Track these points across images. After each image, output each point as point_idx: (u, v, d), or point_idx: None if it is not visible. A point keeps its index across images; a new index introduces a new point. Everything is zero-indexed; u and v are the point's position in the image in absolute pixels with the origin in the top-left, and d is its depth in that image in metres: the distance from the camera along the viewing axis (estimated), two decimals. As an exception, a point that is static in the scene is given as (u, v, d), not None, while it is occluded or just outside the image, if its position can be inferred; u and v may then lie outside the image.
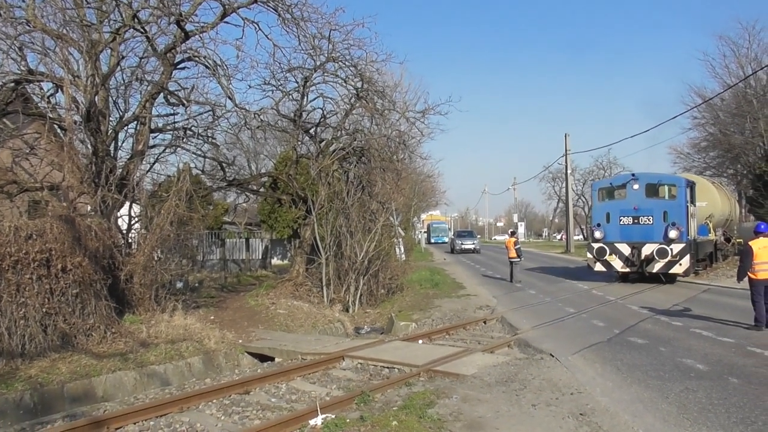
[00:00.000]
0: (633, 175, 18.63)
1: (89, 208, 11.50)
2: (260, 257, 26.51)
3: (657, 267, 17.20)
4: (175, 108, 14.47)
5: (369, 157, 17.26)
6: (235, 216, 32.37)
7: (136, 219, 12.91)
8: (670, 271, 17.26)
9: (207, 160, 16.75)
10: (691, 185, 18.60)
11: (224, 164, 17.23)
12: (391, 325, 13.27)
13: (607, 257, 18.01)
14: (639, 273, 18.07)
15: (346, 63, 15.71)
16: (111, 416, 6.58)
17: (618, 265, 17.92)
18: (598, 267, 18.17)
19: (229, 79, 13.61)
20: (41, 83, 12.57)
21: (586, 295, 16.51)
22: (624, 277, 19.35)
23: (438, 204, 63.87)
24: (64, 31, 11.59)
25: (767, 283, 10.53)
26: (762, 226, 10.98)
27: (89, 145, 11.98)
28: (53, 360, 8.27)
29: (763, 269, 10.54)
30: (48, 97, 12.66)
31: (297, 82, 16.33)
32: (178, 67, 13.38)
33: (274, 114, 17.39)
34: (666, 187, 18.46)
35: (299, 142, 17.68)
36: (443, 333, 11.53)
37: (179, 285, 12.80)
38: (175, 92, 13.95)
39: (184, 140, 14.98)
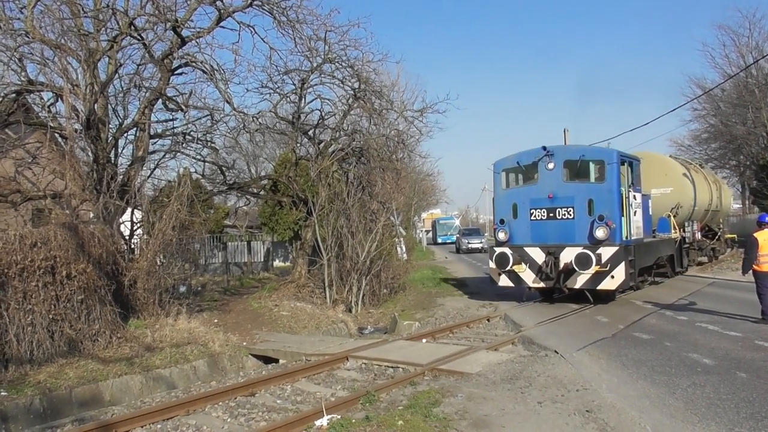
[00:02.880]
0: (545, 148, 13.13)
1: (92, 215, 11.55)
2: (262, 260, 26.56)
3: (580, 281, 12.48)
4: (173, 113, 14.51)
5: (368, 158, 17.28)
6: (236, 219, 32.42)
7: (138, 224, 12.96)
8: (600, 287, 12.40)
9: (207, 164, 16.78)
10: (629, 162, 13.64)
11: (224, 168, 17.26)
12: (394, 325, 13.28)
13: (513, 267, 13.11)
14: (559, 289, 13.51)
15: (343, 64, 15.76)
16: (119, 420, 6.63)
17: (529, 278, 13.14)
18: (503, 281, 13.58)
19: (226, 83, 13.65)
20: (41, 93, 12.64)
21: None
22: (548, 294, 14.41)
23: (438, 202, 63.80)
24: (63, 41, 11.64)
25: (772, 275, 10.47)
26: (766, 218, 10.92)
27: (90, 153, 12.03)
28: (61, 365, 8.32)
29: (767, 261, 10.48)
30: (48, 107, 12.72)
31: (294, 85, 16.37)
32: (175, 72, 13.42)
33: (272, 117, 17.43)
34: (591, 166, 13.19)
35: (298, 144, 17.72)
36: (447, 332, 11.54)
37: (182, 289, 12.84)
38: (174, 98, 13.98)
39: (184, 145, 15.02)
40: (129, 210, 12.78)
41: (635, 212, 13.63)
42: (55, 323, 8.78)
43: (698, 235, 20.04)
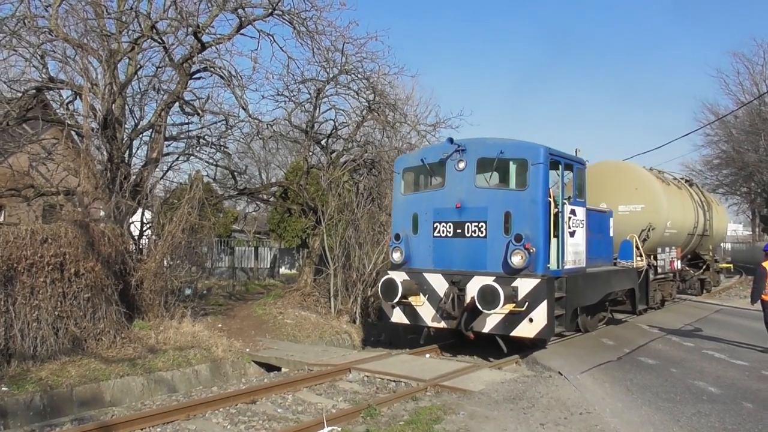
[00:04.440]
0: (452, 141, 10.23)
1: (103, 213, 11.63)
2: (268, 266, 26.58)
3: (490, 324, 9.52)
4: (189, 117, 14.65)
5: (379, 169, 17.32)
6: (245, 224, 32.54)
7: (148, 225, 13.03)
8: (514, 333, 9.40)
9: (219, 168, 16.90)
10: (568, 165, 10.44)
11: (236, 173, 17.37)
12: (398, 338, 13.21)
13: (411, 299, 10.15)
14: (467, 332, 9.87)
15: (359, 75, 15.86)
16: (119, 421, 6.62)
17: (428, 314, 10.10)
18: (397, 316, 10.48)
19: (243, 89, 13.77)
20: (61, 91, 12.81)
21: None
22: (456, 334, 10.59)
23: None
24: (85, 41, 11.82)
25: (781, 306, 10.40)
26: (774, 247, 10.86)
27: (105, 152, 12.15)
28: (63, 363, 8.33)
29: (776, 291, 10.40)
30: (67, 104, 12.89)
31: (310, 94, 16.49)
32: (193, 77, 13.57)
33: (286, 124, 17.54)
34: (511, 167, 10.29)
35: (310, 153, 17.79)
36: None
37: (188, 292, 12.85)
38: (190, 102, 14.13)
39: (198, 149, 15.14)
40: (139, 210, 12.87)
41: (573, 232, 10.33)
42: (60, 320, 8.80)
43: (678, 264, 16.42)
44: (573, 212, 10.46)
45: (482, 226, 9.86)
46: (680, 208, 16.34)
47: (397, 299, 10.11)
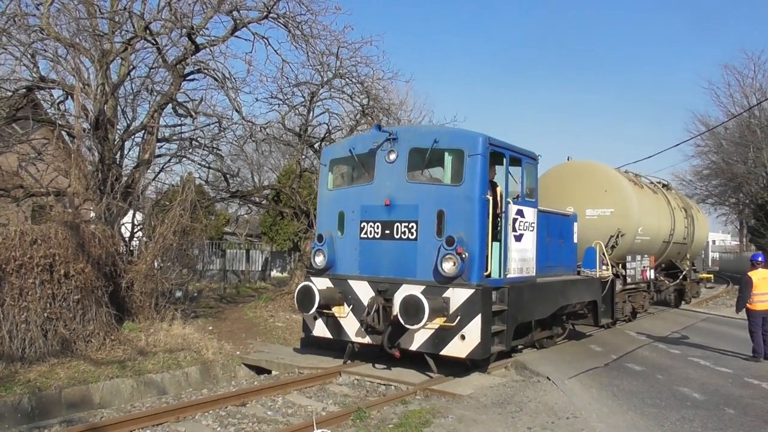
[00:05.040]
0: (380, 128, 9.27)
1: (93, 215, 11.59)
2: (260, 269, 26.53)
3: (418, 340, 8.37)
4: (182, 119, 14.64)
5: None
6: (237, 227, 32.46)
7: (139, 227, 12.99)
8: (444, 352, 8.22)
9: (211, 170, 16.87)
10: (515, 158, 9.30)
11: (228, 175, 17.36)
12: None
13: (334, 310, 9.09)
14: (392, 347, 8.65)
15: (353, 80, 15.95)
16: (108, 423, 6.60)
17: (352, 328, 8.97)
18: (319, 328, 9.34)
19: (236, 91, 13.80)
20: (52, 90, 12.76)
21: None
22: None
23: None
24: (77, 40, 11.80)
25: (766, 314, 10.59)
26: (759, 257, 11.07)
27: (96, 153, 12.12)
28: (52, 365, 8.29)
29: (761, 300, 10.61)
30: (58, 104, 12.84)
31: (304, 97, 16.54)
32: (187, 78, 13.57)
33: (279, 127, 17.57)
34: (447, 158, 8.93)
35: (303, 156, 17.84)
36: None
37: (179, 294, 12.81)
38: (184, 103, 14.13)
39: (190, 151, 15.12)
40: (131, 212, 12.83)
41: (520, 236, 9.14)
42: (49, 322, 8.75)
43: (651, 274, 15.23)
44: (520, 213, 9.16)
45: (412, 227, 8.63)
46: (654, 213, 15.13)
47: (314, 309, 8.91)
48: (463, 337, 8.03)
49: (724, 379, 8.97)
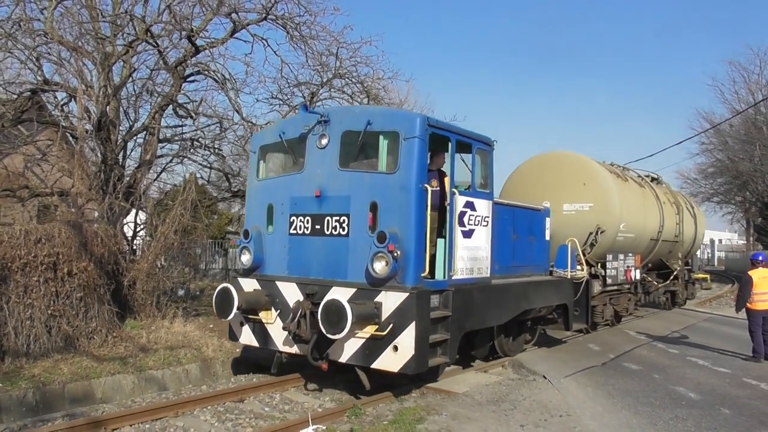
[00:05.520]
0: (308, 109, 8.52)
1: (96, 214, 11.75)
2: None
3: (348, 351, 7.39)
4: (183, 120, 14.78)
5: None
6: (239, 226, 32.63)
7: (142, 226, 13.15)
8: (375, 365, 7.21)
9: (213, 170, 17.01)
10: (464, 143, 8.23)
11: (230, 175, 17.50)
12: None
13: (261, 315, 8.18)
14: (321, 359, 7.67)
15: (353, 80, 16.01)
16: (109, 417, 6.75)
17: (279, 336, 8.00)
18: (246, 336, 8.49)
19: (237, 92, 13.92)
20: (56, 93, 12.94)
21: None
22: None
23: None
24: (80, 43, 11.97)
25: (766, 314, 10.56)
26: (760, 256, 11.06)
27: (99, 154, 12.28)
28: (56, 361, 8.45)
29: (762, 300, 10.58)
30: (61, 106, 13.02)
31: (304, 97, 16.62)
32: (187, 80, 13.71)
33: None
34: (382, 142, 7.76)
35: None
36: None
37: (181, 293, 12.95)
38: (184, 104, 14.27)
39: (192, 151, 15.27)
40: (133, 211, 13.00)
41: (470, 232, 8.11)
42: (53, 319, 8.91)
43: (636, 274, 14.12)
44: (470, 206, 8.11)
45: (344, 221, 7.63)
46: (640, 208, 14.02)
47: (232, 315, 7.95)
48: (395, 348, 6.98)
49: (722, 379, 8.98)
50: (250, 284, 8.37)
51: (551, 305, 10.56)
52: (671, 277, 16.96)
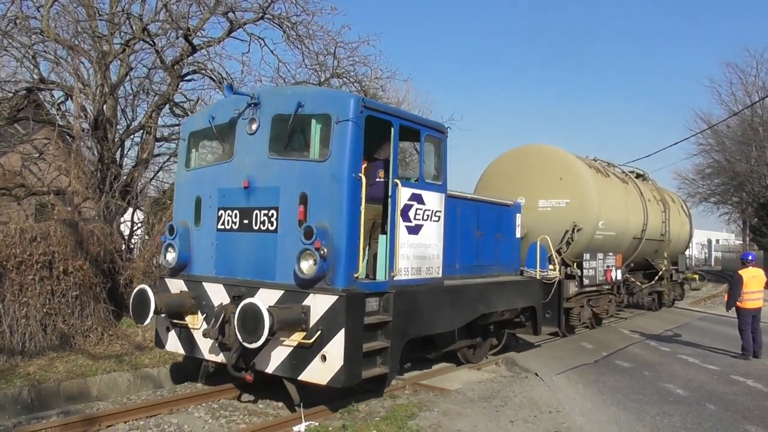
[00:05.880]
0: (231, 89, 7.61)
1: (93, 213, 11.81)
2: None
3: (273, 362, 6.69)
4: (180, 118, 14.84)
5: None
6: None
7: (139, 225, 13.21)
8: (303, 376, 6.51)
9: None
10: (409, 128, 7.47)
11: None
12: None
13: (188, 320, 7.45)
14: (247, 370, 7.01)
15: (351, 79, 16.07)
16: (103, 414, 6.81)
17: (206, 343, 7.26)
18: (172, 343, 7.77)
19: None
20: (52, 91, 12.99)
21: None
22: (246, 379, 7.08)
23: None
24: (77, 42, 12.02)
25: (755, 313, 10.73)
26: (750, 256, 11.22)
27: (95, 152, 12.34)
28: (51, 359, 8.51)
29: (751, 298, 10.74)
30: (58, 105, 13.07)
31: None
32: (184, 79, 13.78)
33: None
34: (314, 126, 7.07)
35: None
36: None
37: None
38: (181, 103, 14.33)
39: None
40: (130, 210, 13.05)
41: (417, 227, 7.38)
42: (48, 317, 8.97)
43: (618, 274, 13.42)
44: (417, 199, 7.38)
45: (272, 215, 6.92)
46: (621, 205, 13.31)
47: (148, 320, 7.21)
48: (323, 358, 6.30)
49: (710, 376, 9.10)
50: (176, 285, 7.68)
51: (516, 308, 9.83)
52: (656, 278, 16.37)
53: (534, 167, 12.16)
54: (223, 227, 7.43)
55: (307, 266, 6.46)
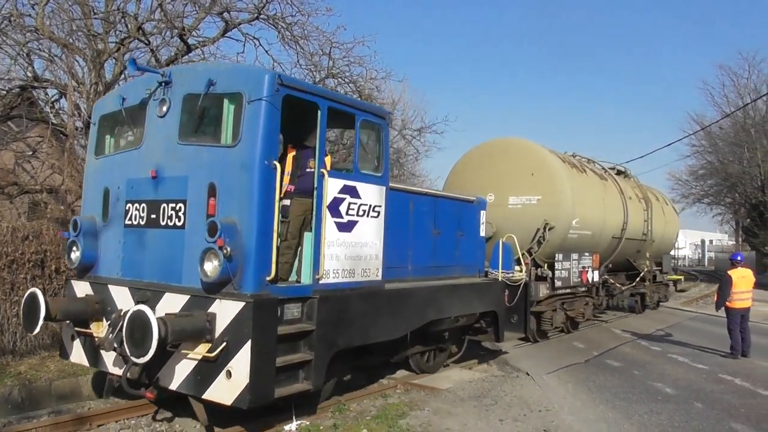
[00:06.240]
0: (135, 64, 6.45)
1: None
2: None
3: (177, 377, 5.84)
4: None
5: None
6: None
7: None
8: (207, 395, 5.64)
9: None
10: (339, 112, 6.61)
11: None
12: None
13: (92, 327, 6.63)
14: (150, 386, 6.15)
15: (346, 79, 16.12)
16: (94, 414, 6.80)
17: (110, 355, 6.34)
18: (76, 354, 6.91)
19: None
20: (46, 89, 12.97)
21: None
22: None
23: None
24: (71, 40, 12.01)
25: (744, 312, 10.85)
26: (738, 256, 11.34)
27: (89, 151, 12.31)
28: (43, 358, 8.50)
29: (740, 298, 10.85)
30: (52, 103, 13.06)
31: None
32: (180, 78, 13.75)
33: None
34: (227, 107, 6.11)
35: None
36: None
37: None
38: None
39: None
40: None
41: (350, 224, 6.59)
42: (40, 316, 8.97)
43: (594, 276, 12.61)
44: (351, 192, 6.59)
45: (180, 209, 6.09)
46: (598, 203, 12.62)
47: (37, 328, 6.37)
48: (229, 374, 5.48)
49: (699, 374, 9.20)
50: (83, 288, 6.83)
51: (474, 313, 8.99)
52: (637, 279, 15.57)
53: (504, 162, 11.58)
54: (130, 223, 6.54)
55: (210, 268, 5.60)
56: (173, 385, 5.89)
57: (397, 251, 7.51)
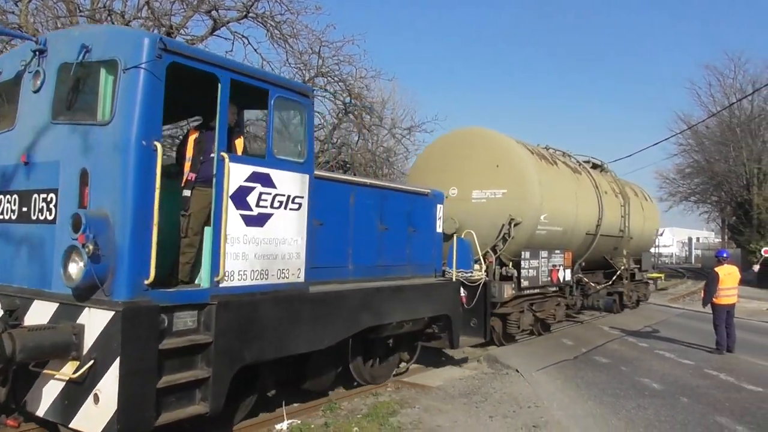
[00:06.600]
0: (3, 31, 6.90)
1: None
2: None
3: (44, 402, 4.87)
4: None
5: (354, 171, 17.63)
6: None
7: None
8: (74, 424, 4.67)
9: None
10: (249, 87, 5.60)
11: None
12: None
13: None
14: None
15: (335, 78, 16.13)
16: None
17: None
18: None
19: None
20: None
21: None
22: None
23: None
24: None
25: (729, 308, 11.02)
26: (724, 253, 11.51)
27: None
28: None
29: (726, 295, 11.01)
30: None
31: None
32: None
33: (262, 125, 17.73)
34: (104, 77, 4.99)
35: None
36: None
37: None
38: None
39: (172, 148, 15.23)
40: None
41: (262, 217, 5.72)
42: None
43: (566, 275, 12.02)
44: (263, 180, 5.72)
45: (51, 200, 5.17)
46: (570, 197, 11.93)
47: None
48: (96, 399, 4.59)
49: (685, 370, 9.33)
50: None
51: (422, 317, 8.14)
52: (614, 277, 14.85)
53: (468, 154, 10.87)
54: (1, 217, 5.61)
55: (75, 270, 4.68)
56: (40, 411, 5.00)
57: (334, 249, 6.81)
